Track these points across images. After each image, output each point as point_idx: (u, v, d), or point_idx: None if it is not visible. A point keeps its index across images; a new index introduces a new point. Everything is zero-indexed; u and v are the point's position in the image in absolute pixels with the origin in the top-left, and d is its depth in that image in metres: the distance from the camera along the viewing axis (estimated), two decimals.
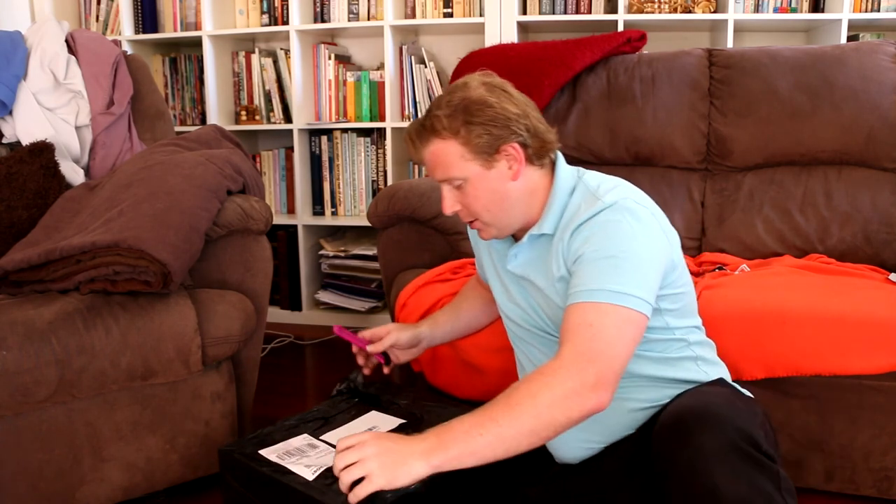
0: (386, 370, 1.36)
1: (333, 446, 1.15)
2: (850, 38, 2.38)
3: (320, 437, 1.19)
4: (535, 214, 1.15)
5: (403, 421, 1.23)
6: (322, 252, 2.79)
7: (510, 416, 0.93)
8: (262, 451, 1.15)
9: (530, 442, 0.94)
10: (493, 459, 0.93)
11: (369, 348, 1.32)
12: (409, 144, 1.17)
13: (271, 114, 2.84)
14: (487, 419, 0.93)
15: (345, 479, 0.93)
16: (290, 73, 2.78)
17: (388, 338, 1.32)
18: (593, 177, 1.15)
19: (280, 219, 2.78)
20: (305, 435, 1.20)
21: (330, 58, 2.75)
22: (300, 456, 1.13)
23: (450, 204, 1.14)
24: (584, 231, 1.06)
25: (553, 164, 1.17)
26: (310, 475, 1.06)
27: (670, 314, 1.12)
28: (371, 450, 0.94)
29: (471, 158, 1.09)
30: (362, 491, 0.92)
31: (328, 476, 1.05)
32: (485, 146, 1.08)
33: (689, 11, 2.45)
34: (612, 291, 0.99)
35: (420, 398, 1.33)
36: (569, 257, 1.08)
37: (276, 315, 2.83)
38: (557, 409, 0.93)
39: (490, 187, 1.11)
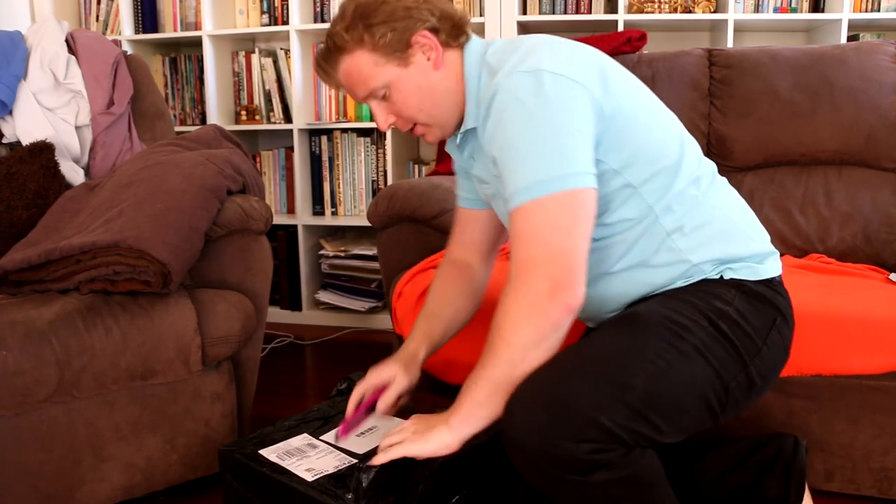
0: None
1: (333, 446, 1.15)
2: (850, 38, 2.38)
3: (320, 438, 1.19)
4: (460, 108, 1.08)
5: (405, 421, 1.23)
6: (322, 252, 2.79)
7: (493, 362, 0.94)
8: (263, 451, 1.15)
9: (524, 367, 0.93)
10: (502, 398, 0.93)
11: (380, 410, 1.20)
12: (322, 74, 1.08)
13: (271, 114, 2.84)
14: (479, 371, 0.96)
15: (383, 454, 0.98)
16: (290, 72, 2.78)
17: (393, 393, 1.19)
18: (495, 50, 1.05)
19: (280, 219, 2.78)
20: (305, 435, 1.20)
21: None
22: (300, 456, 1.13)
23: (383, 118, 1.07)
24: (488, 126, 1.00)
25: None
26: (310, 476, 1.06)
27: (621, 169, 0.99)
28: (409, 426, 1.01)
29: (384, 62, 1.02)
30: (394, 452, 0.98)
31: (329, 477, 1.06)
32: (394, 43, 1.01)
33: (689, 11, 2.45)
34: (524, 187, 0.92)
35: (421, 396, 1.33)
36: (490, 156, 1.01)
37: (276, 315, 2.83)
38: (526, 332, 0.92)
39: (414, 85, 1.04)
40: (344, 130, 2.78)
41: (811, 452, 1.47)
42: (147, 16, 2.83)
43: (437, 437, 0.97)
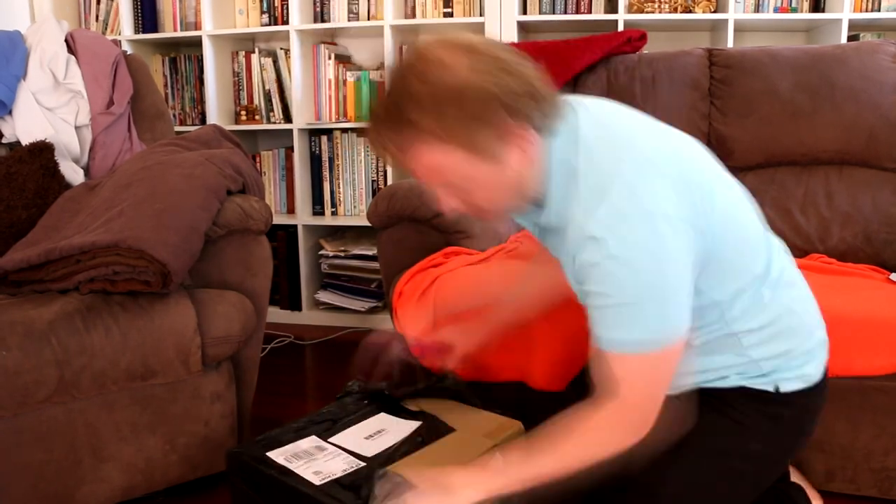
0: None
1: (342, 448, 1.15)
2: (850, 38, 2.38)
3: (329, 440, 1.18)
4: (537, 194, 0.96)
5: (417, 423, 1.22)
6: (322, 252, 2.79)
7: (554, 459, 0.93)
8: (270, 454, 1.14)
9: (567, 474, 0.94)
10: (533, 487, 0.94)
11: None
12: (382, 152, 0.91)
13: (271, 114, 2.83)
14: (538, 458, 0.94)
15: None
16: (290, 72, 2.78)
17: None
18: (586, 160, 0.91)
19: (280, 219, 2.78)
20: (314, 437, 1.20)
21: (330, 58, 2.75)
22: (308, 459, 1.12)
23: (449, 206, 0.94)
24: (583, 257, 0.89)
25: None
26: (317, 479, 1.06)
27: (712, 291, 0.97)
28: (425, 493, 0.94)
29: (473, 160, 0.87)
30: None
31: (335, 482, 1.05)
32: (484, 143, 0.86)
33: (690, 11, 2.45)
34: (621, 341, 0.90)
35: (435, 396, 1.32)
36: (578, 272, 0.92)
37: (275, 315, 2.83)
38: (597, 452, 0.93)
39: (504, 182, 0.90)
40: (344, 130, 2.77)
41: (811, 452, 1.47)
42: (147, 16, 2.82)
43: (462, 496, 0.93)
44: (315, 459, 1.12)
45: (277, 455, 1.14)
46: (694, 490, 1.02)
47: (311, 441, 1.18)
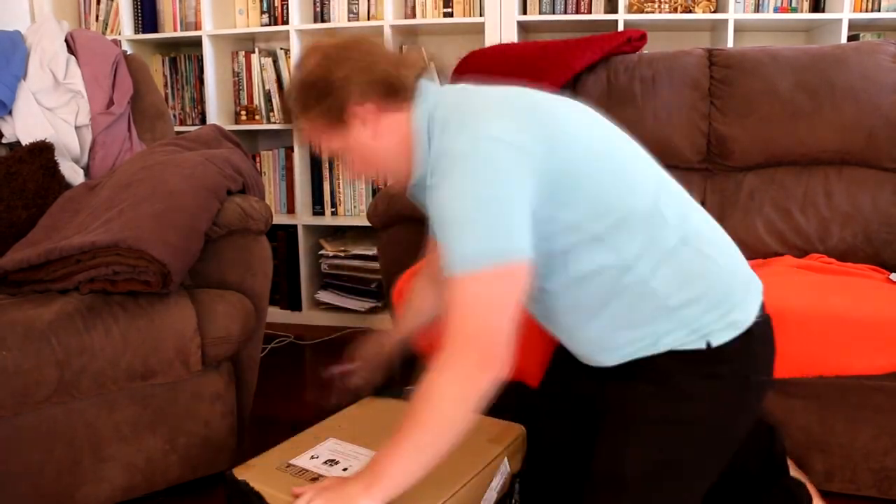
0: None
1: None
2: (850, 38, 2.38)
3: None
4: (411, 161, 1.10)
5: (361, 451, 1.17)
6: (322, 252, 2.79)
7: (420, 429, 0.93)
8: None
9: (451, 435, 0.93)
10: (428, 467, 0.94)
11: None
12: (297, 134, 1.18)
13: (271, 114, 2.84)
14: (403, 438, 0.94)
15: None
16: (289, 72, 2.78)
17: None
18: (445, 106, 1.04)
19: (280, 219, 2.78)
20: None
21: None
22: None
23: (349, 173, 1.14)
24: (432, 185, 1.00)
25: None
26: None
27: (583, 222, 0.99)
28: (324, 485, 0.97)
29: (330, 133, 1.07)
30: None
31: None
32: (332, 120, 1.05)
33: (689, 11, 2.45)
34: (459, 258, 0.92)
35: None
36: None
37: (276, 315, 2.83)
38: (455, 403, 0.92)
39: (359, 152, 1.08)
40: None
41: (811, 452, 1.47)
42: (147, 16, 2.82)
43: None
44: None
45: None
46: (658, 465, 1.01)
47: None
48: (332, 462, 1.14)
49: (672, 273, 1.01)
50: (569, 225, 1.00)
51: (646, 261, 1.01)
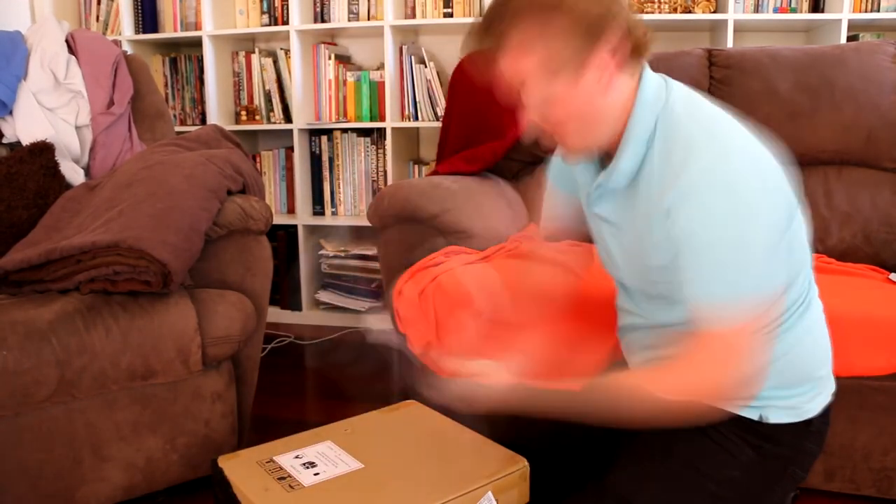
0: None
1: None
2: (849, 38, 2.38)
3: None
4: (618, 134, 0.96)
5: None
6: (322, 252, 2.79)
7: (621, 398, 0.93)
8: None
9: (626, 414, 0.94)
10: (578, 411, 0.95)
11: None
12: (476, 59, 0.98)
13: (271, 114, 2.84)
14: (599, 388, 0.94)
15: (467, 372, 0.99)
16: (290, 73, 2.78)
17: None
18: (679, 116, 0.93)
19: (280, 219, 2.78)
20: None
21: (330, 58, 2.75)
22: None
23: (530, 121, 0.96)
24: (677, 211, 0.87)
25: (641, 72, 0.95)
26: None
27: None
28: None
29: (552, 77, 0.90)
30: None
31: None
32: (568, 62, 0.89)
33: (689, 11, 2.45)
34: (726, 308, 0.87)
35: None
36: (667, 235, 0.90)
37: (276, 315, 2.83)
38: (658, 416, 0.92)
39: (577, 106, 0.92)
40: (344, 130, 2.78)
41: (815, 457, 1.47)
42: (147, 16, 2.83)
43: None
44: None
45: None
46: None
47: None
48: (311, 465, 1.14)
49: (777, 345, 0.99)
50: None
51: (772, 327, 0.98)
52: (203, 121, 2.87)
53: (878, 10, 2.38)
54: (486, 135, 2.14)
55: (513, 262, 1.62)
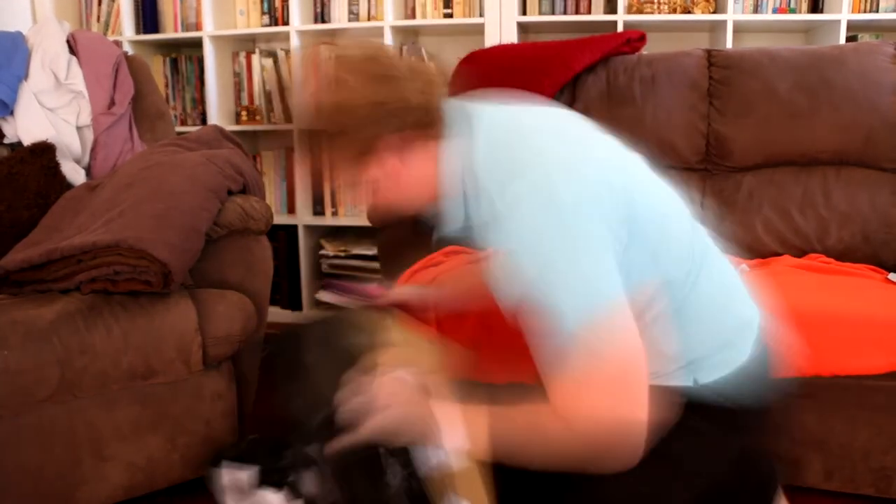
0: None
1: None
2: (849, 39, 2.38)
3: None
4: (441, 198, 1.00)
5: None
6: (322, 252, 2.80)
7: (527, 437, 0.89)
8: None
9: (539, 464, 0.90)
10: (525, 464, 0.90)
11: (379, 301, 1.19)
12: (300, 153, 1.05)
13: (272, 114, 2.84)
14: (510, 418, 0.90)
15: (357, 409, 0.94)
16: (290, 73, 2.78)
17: (398, 292, 1.18)
18: (482, 158, 0.93)
19: (280, 219, 2.79)
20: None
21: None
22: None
23: (376, 201, 1.03)
24: (502, 235, 0.90)
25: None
26: None
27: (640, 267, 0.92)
28: (393, 404, 0.94)
29: (357, 165, 0.96)
30: (369, 428, 0.92)
31: None
32: (361, 151, 0.95)
33: (689, 12, 2.46)
34: (565, 320, 0.85)
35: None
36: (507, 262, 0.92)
37: (276, 315, 2.83)
38: (578, 462, 0.88)
39: (386, 184, 0.98)
40: None
41: (810, 451, 1.47)
42: (148, 16, 2.83)
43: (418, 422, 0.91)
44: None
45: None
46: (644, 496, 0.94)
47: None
48: None
49: (690, 336, 0.98)
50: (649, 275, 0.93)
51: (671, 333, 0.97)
52: (203, 121, 2.87)
53: (878, 11, 2.38)
54: None
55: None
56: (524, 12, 2.57)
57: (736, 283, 1.06)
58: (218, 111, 2.82)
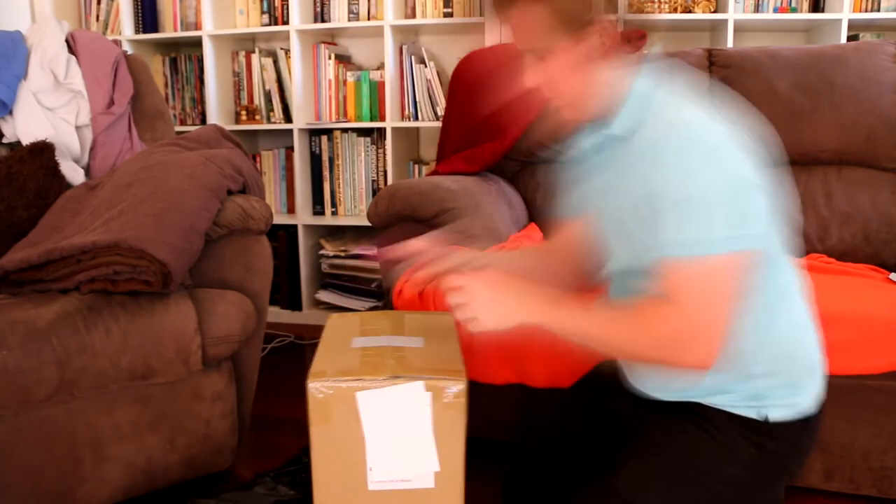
0: None
1: None
2: (849, 38, 2.38)
3: None
4: (610, 108, 1.01)
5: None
6: (322, 252, 2.79)
7: (613, 340, 0.94)
8: None
9: (619, 354, 1.01)
10: (587, 349, 0.96)
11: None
12: (490, 5, 1.04)
13: (271, 114, 2.84)
14: (595, 330, 0.95)
15: (458, 315, 0.98)
16: (290, 73, 2.78)
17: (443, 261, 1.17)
18: (663, 98, 0.99)
19: (280, 219, 2.79)
20: None
21: (330, 58, 2.75)
22: None
23: (532, 79, 1.01)
24: (653, 165, 0.94)
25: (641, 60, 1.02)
26: None
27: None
28: (480, 296, 0.97)
29: (558, 28, 0.95)
30: (474, 328, 0.97)
31: None
32: (576, 14, 0.94)
33: (689, 11, 2.45)
34: (692, 242, 0.89)
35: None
36: (646, 191, 0.95)
37: (276, 315, 2.83)
38: (645, 352, 0.94)
39: (576, 62, 0.97)
40: (344, 130, 2.78)
41: (811, 452, 1.47)
42: (147, 16, 2.83)
43: (511, 321, 0.96)
44: None
45: None
46: None
47: None
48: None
49: (766, 343, 1.00)
50: None
51: (749, 323, 0.98)
52: (203, 121, 2.87)
53: (879, 10, 2.38)
54: (485, 135, 2.14)
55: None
56: None
57: (812, 328, 1.08)
58: (217, 111, 2.82)
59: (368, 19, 2.69)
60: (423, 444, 0.99)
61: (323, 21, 2.75)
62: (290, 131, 2.80)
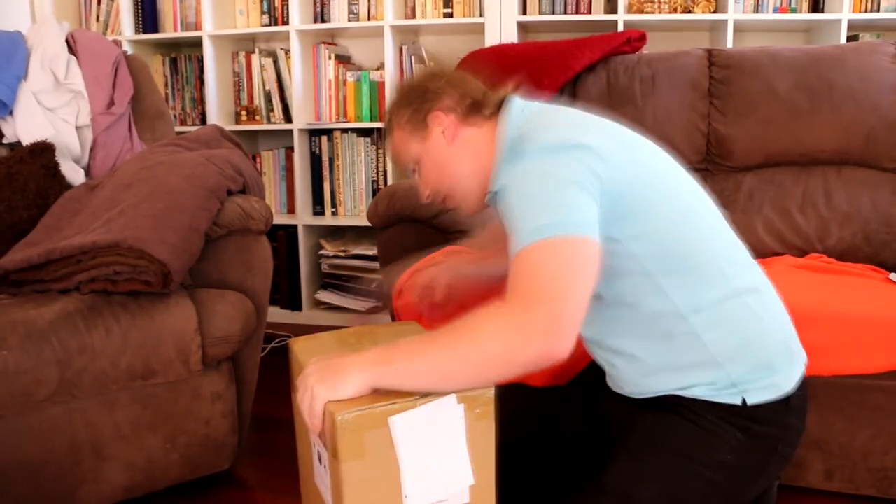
0: None
1: None
2: (849, 39, 2.38)
3: None
4: (491, 171, 1.10)
5: None
6: (322, 252, 2.79)
7: (449, 348, 0.88)
8: None
9: (468, 374, 0.88)
10: (433, 387, 0.89)
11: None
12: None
13: (271, 114, 2.84)
14: (429, 342, 0.89)
15: (303, 410, 0.91)
16: (290, 73, 2.78)
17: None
18: (528, 122, 1.07)
19: (280, 219, 2.79)
20: None
21: (330, 58, 2.75)
22: None
23: (421, 190, 1.18)
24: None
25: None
26: None
27: (637, 248, 0.99)
28: (312, 372, 0.92)
29: (410, 138, 1.14)
30: (313, 410, 0.90)
31: None
32: (414, 121, 1.13)
33: (689, 11, 2.46)
34: (524, 235, 0.90)
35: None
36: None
37: (276, 315, 2.83)
38: (498, 343, 0.86)
39: (432, 158, 1.13)
40: (344, 130, 2.78)
41: (810, 451, 1.47)
42: (147, 16, 2.83)
43: (345, 383, 0.89)
44: None
45: None
46: (668, 498, 1.01)
47: None
48: None
49: (725, 329, 1.01)
50: (631, 255, 0.99)
51: (702, 315, 1.00)
52: (203, 121, 2.87)
53: (878, 11, 2.38)
54: None
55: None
56: (524, 12, 2.57)
57: (775, 310, 1.08)
58: (217, 111, 2.82)
59: (368, 19, 2.69)
60: (458, 460, 0.93)
61: (323, 21, 2.75)
62: (290, 131, 2.80)
